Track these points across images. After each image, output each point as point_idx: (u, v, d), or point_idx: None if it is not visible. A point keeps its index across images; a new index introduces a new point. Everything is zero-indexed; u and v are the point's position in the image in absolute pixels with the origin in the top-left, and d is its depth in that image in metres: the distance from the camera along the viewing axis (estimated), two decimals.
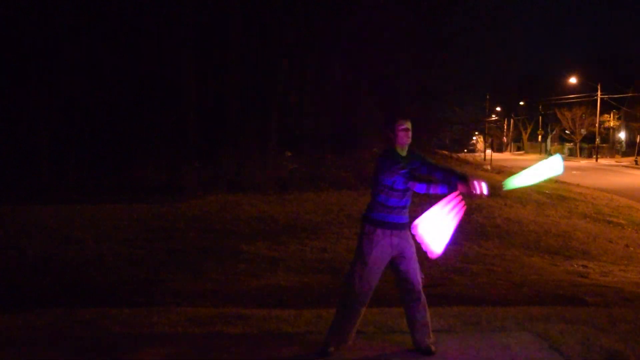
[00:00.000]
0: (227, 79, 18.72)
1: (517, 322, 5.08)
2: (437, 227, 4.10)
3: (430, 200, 4.34)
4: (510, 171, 30.21)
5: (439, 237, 4.11)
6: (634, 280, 8.11)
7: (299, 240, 9.45)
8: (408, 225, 4.26)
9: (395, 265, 4.29)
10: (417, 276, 4.30)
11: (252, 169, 16.70)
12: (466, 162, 28.34)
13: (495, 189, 6.18)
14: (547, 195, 17.89)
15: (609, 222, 14.16)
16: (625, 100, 51.44)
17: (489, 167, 29.93)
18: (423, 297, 4.33)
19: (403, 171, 4.06)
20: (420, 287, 4.32)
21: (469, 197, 4.06)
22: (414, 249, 4.31)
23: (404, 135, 4.17)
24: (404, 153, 4.22)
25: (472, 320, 5.13)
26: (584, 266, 9.01)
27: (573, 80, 55.63)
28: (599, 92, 52.18)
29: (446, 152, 28.95)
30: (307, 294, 6.45)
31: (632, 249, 11.31)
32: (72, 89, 16.80)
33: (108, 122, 17.24)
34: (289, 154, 19.83)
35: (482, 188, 3.93)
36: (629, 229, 13.58)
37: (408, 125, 4.20)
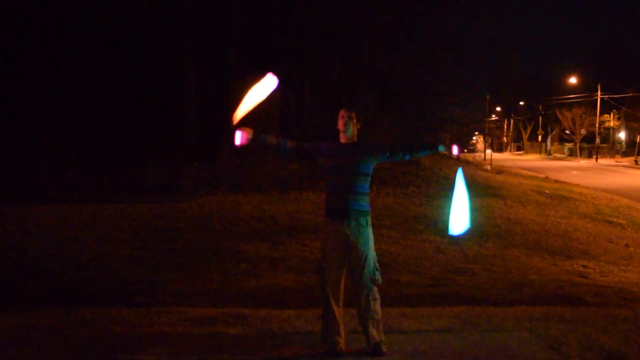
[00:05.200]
0: (227, 79, 18.72)
1: (517, 322, 5.08)
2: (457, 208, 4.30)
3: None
4: (510, 171, 30.25)
5: (460, 215, 4.28)
6: (634, 280, 8.11)
7: (299, 240, 9.45)
8: (360, 213, 4.24)
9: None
10: (364, 276, 4.20)
11: (252, 169, 16.69)
12: (466, 162, 28.33)
13: (496, 189, 6.18)
14: (547, 195, 17.89)
15: (609, 222, 14.15)
16: (625, 100, 51.40)
17: (489, 167, 29.92)
18: (363, 299, 4.20)
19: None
20: (368, 290, 4.20)
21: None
22: (364, 242, 4.22)
23: (340, 122, 4.39)
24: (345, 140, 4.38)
25: (472, 320, 5.12)
26: (584, 266, 9.01)
27: (573, 80, 55.59)
28: (599, 92, 52.17)
29: (446, 152, 28.96)
30: (307, 294, 6.45)
31: (632, 249, 11.29)
32: (72, 89, 16.79)
33: (108, 122, 17.22)
34: None
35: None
36: (629, 229, 13.57)
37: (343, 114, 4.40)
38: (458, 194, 4.35)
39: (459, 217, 4.30)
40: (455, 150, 4.44)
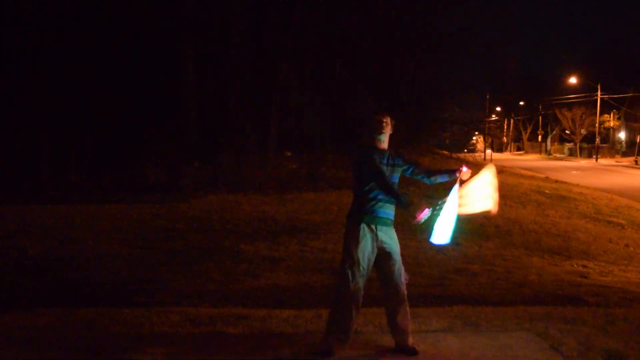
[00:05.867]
0: (227, 79, 18.72)
1: (517, 322, 5.08)
2: (445, 217, 4.28)
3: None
4: (510, 171, 30.25)
5: (444, 228, 4.27)
6: (634, 280, 8.11)
7: (299, 240, 9.45)
8: (392, 221, 4.29)
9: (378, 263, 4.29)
10: (401, 277, 4.29)
11: (252, 169, 16.70)
12: (466, 162, 28.35)
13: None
14: (547, 195, 17.89)
15: (609, 222, 14.15)
16: (625, 100, 51.41)
17: None
18: (399, 301, 4.29)
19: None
20: (404, 289, 4.31)
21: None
22: (397, 247, 4.31)
23: (378, 127, 4.33)
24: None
25: (472, 320, 5.13)
26: (584, 266, 9.00)
27: (573, 80, 55.61)
28: (599, 92, 52.17)
29: (446, 152, 28.96)
30: (307, 294, 6.45)
31: (632, 249, 11.30)
32: (72, 89, 16.79)
33: (108, 122, 17.23)
34: (289, 154, 19.84)
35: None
36: (629, 229, 13.57)
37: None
38: (450, 207, 4.33)
39: (444, 229, 4.31)
40: (464, 170, 4.43)
